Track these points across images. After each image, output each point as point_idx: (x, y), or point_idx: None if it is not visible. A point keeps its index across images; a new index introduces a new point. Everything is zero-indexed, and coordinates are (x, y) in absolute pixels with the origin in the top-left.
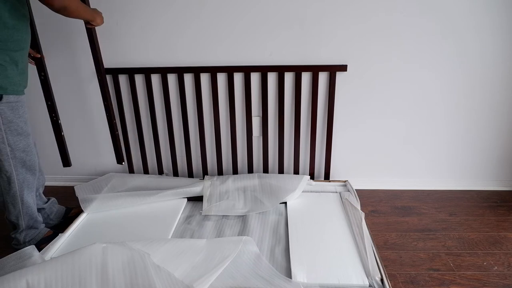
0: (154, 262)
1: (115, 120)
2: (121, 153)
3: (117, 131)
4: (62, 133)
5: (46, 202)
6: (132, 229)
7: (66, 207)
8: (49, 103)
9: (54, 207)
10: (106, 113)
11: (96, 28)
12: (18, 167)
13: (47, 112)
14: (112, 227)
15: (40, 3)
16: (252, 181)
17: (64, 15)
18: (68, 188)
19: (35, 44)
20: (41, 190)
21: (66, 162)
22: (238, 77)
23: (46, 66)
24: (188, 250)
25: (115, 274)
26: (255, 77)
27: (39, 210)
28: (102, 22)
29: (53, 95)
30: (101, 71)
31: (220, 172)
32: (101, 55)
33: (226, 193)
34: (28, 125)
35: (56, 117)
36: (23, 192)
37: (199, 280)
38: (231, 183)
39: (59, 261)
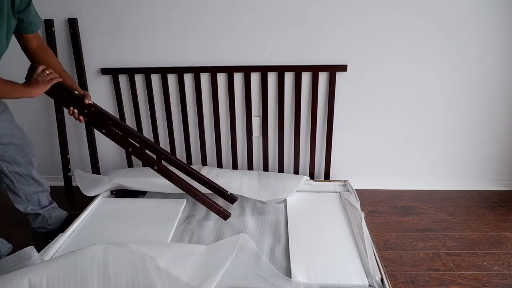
0: (154, 264)
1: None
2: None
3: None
4: (69, 167)
5: (44, 207)
6: (132, 229)
7: (68, 213)
8: (61, 140)
9: (54, 212)
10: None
11: (96, 28)
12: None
13: (46, 114)
14: (112, 227)
15: None
16: (250, 175)
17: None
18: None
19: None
20: (40, 196)
21: (70, 193)
22: (238, 77)
23: None
24: (191, 255)
25: (116, 273)
26: (255, 77)
27: (35, 215)
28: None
29: (66, 133)
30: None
31: None
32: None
33: (224, 172)
34: None
35: (66, 152)
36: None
37: (204, 283)
38: (229, 172)
39: (60, 260)
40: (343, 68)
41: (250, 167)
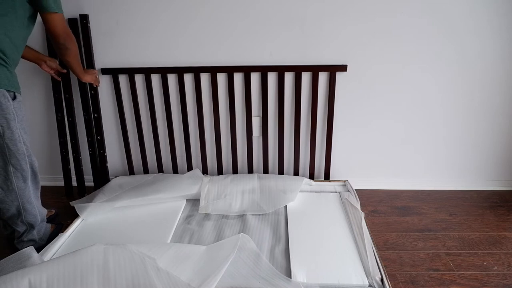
0: (154, 265)
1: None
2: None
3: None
4: (69, 167)
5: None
6: (132, 229)
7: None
8: (61, 140)
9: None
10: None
11: (96, 27)
12: (28, 166)
13: (46, 114)
14: (112, 227)
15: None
16: (251, 182)
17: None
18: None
19: None
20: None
21: (70, 193)
22: (238, 77)
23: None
24: (192, 255)
25: (116, 274)
26: (255, 77)
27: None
28: (92, 81)
29: (66, 133)
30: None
31: (220, 172)
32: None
33: (224, 192)
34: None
35: (66, 152)
36: (34, 189)
37: (204, 283)
38: (229, 182)
39: (60, 260)
40: (343, 68)
41: (250, 167)
